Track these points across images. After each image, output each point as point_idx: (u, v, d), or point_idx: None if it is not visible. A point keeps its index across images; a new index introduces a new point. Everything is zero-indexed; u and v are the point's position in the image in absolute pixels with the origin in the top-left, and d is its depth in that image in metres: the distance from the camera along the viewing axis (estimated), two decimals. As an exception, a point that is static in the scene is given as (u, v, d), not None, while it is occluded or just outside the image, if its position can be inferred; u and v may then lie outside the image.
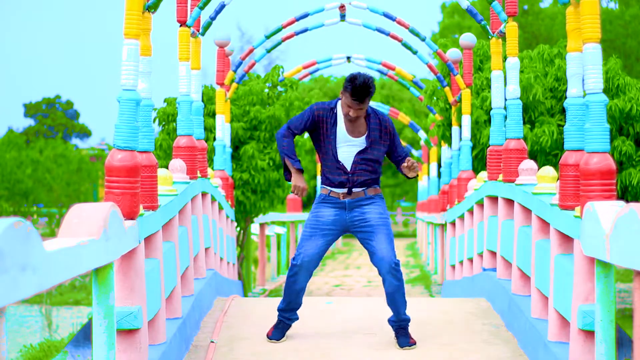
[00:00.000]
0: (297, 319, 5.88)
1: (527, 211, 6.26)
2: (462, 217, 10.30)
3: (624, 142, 10.03)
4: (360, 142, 5.53)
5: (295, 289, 5.65)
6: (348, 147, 5.51)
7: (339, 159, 5.51)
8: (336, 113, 5.52)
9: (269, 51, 13.00)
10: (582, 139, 4.79)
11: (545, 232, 5.66)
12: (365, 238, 5.55)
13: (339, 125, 5.51)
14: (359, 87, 5.32)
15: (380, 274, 5.53)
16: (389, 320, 5.76)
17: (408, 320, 5.73)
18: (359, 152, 5.51)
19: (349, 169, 5.51)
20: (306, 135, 12.46)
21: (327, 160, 5.54)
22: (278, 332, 5.79)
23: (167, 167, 7.05)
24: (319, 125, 5.54)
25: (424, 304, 7.30)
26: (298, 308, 5.81)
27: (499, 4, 7.71)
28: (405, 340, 5.67)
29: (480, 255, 8.70)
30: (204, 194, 8.05)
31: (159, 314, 4.98)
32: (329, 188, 5.57)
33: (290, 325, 5.85)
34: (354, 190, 5.54)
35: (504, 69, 8.45)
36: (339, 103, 5.54)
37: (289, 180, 5.61)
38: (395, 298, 5.58)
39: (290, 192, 5.64)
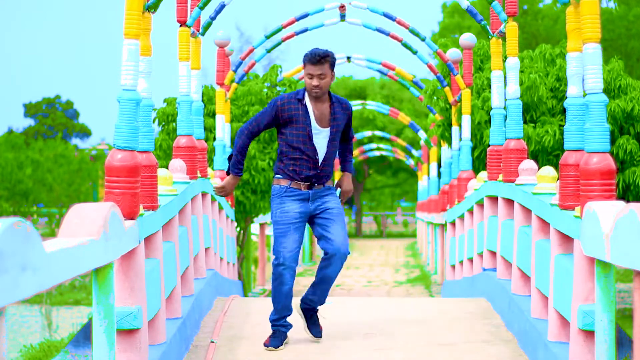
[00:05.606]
0: (292, 326, 5.75)
1: (527, 211, 6.26)
2: (462, 217, 10.30)
3: (628, 140, 10.02)
4: (326, 133, 5.51)
5: (283, 290, 5.53)
6: (318, 138, 5.48)
7: (317, 150, 5.48)
8: (305, 103, 5.47)
9: (268, 51, 13.00)
10: (582, 139, 4.78)
11: (545, 232, 5.66)
12: (324, 224, 5.52)
13: (310, 115, 5.47)
14: (313, 51, 5.39)
15: (328, 259, 5.50)
16: (305, 301, 5.71)
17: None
18: (328, 144, 5.51)
19: (319, 162, 5.50)
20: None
21: (296, 152, 5.47)
22: (276, 340, 5.64)
23: (167, 167, 7.05)
24: (284, 117, 5.46)
25: (424, 304, 7.31)
26: (289, 314, 5.69)
27: (499, 4, 7.71)
28: (319, 329, 5.78)
29: (480, 255, 8.70)
30: (204, 194, 8.05)
31: (159, 314, 4.98)
32: (289, 180, 5.53)
33: (286, 333, 5.71)
34: (316, 185, 5.54)
35: (504, 69, 8.45)
36: (306, 93, 5.49)
37: (228, 173, 5.71)
38: (330, 284, 5.65)
39: (214, 189, 5.84)
